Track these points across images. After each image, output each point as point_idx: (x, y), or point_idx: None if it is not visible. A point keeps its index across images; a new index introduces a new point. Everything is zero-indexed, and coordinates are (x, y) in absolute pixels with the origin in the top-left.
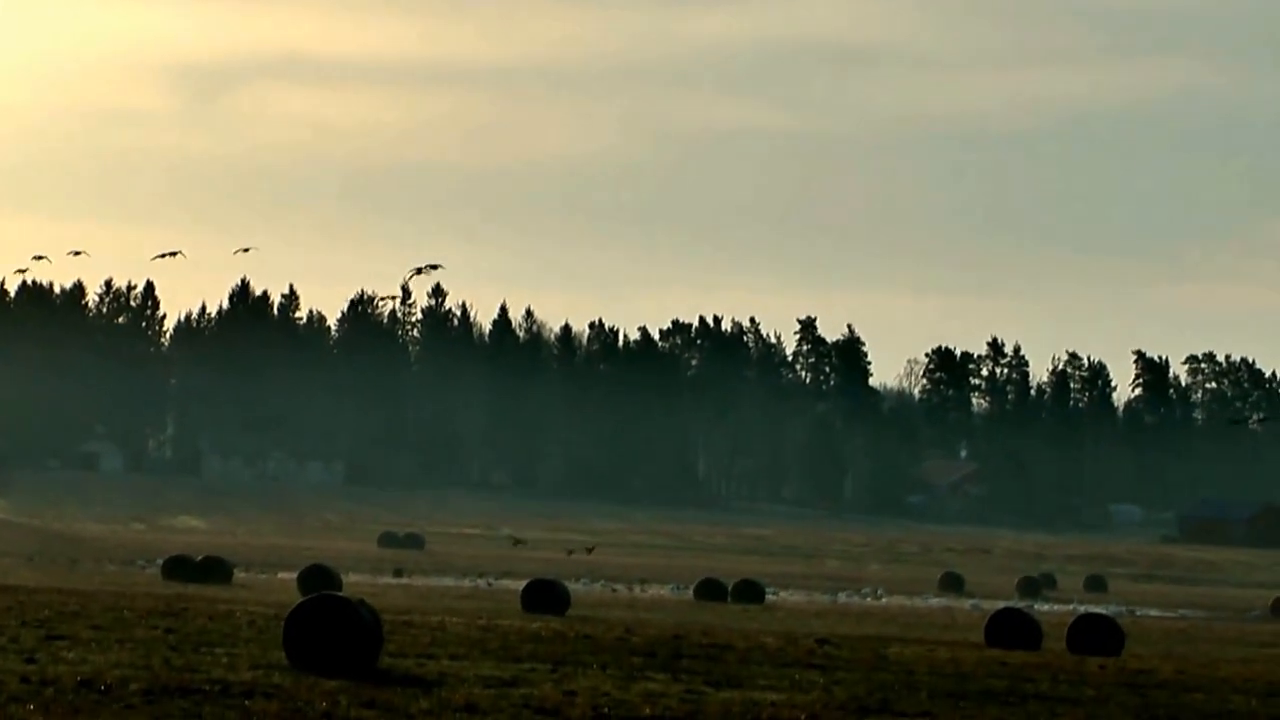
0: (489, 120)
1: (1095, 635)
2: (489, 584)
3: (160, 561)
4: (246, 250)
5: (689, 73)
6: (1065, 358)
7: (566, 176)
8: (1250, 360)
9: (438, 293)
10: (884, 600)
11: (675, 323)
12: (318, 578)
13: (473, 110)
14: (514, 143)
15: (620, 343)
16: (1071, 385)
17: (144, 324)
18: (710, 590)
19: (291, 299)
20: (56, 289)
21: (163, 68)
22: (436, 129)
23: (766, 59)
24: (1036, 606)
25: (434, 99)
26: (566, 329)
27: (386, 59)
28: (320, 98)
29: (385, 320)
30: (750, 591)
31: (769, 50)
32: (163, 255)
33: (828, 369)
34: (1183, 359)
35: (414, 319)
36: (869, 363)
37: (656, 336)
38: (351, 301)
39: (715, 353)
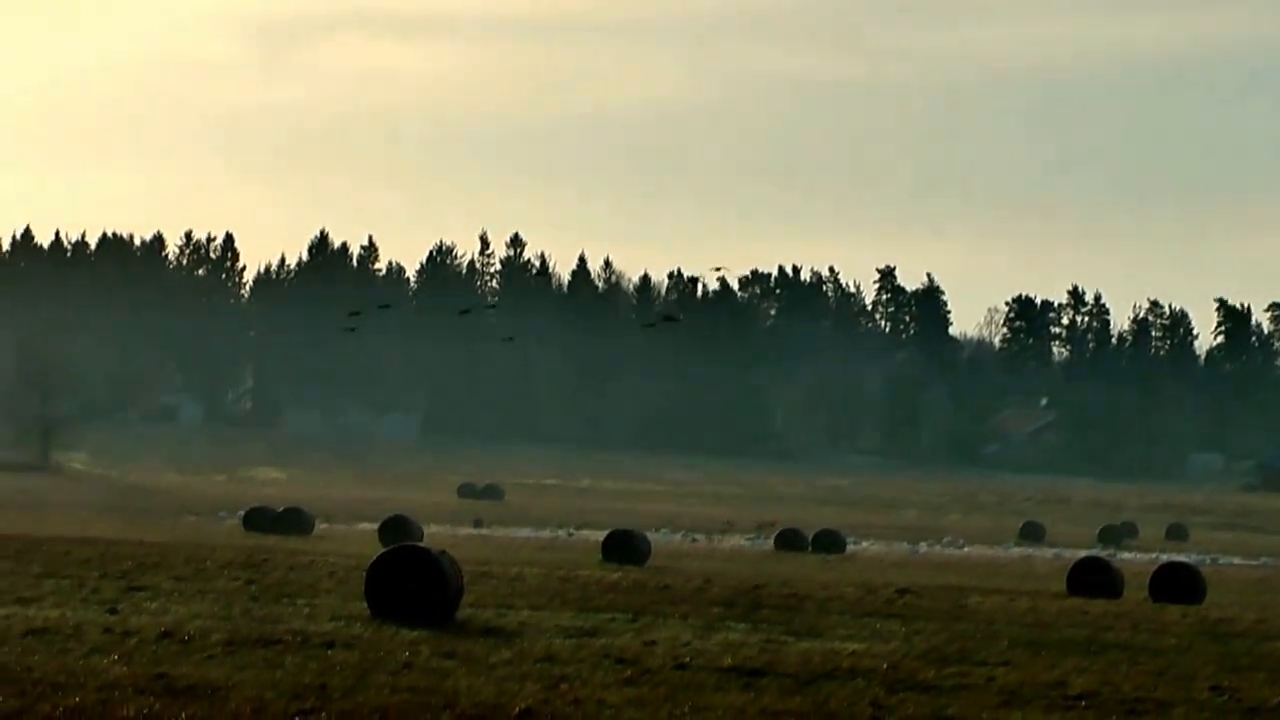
0: (566, 70)
1: (1176, 584)
2: (568, 534)
3: (240, 513)
4: None
5: (763, 21)
6: (1146, 306)
7: (645, 127)
8: None
9: (516, 243)
10: (963, 550)
11: (753, 272)
12: (398, 529)
13: (549, 61)
14: (592, 93)
15: (699, 293)
16: (1152, 333)
17: (223, 276)
18: (790, 540)
19: (370, 250)
20: (136, 240)
21: (240, 21)
22: (513, 80)
23: (842, 7)
24: (1117, 555)
25: (510, 50)
26: (645, 279)
27: (460, 11)
28: (396, 50)
29: (464, 271)
30: (830, 541)
31: None
32: None
33: (907, 318)
34: (1265, 306)
35: (493, 270)
36: (948, 312)
37: (735, 286)
38: (430, 253)
39: (793, 302)
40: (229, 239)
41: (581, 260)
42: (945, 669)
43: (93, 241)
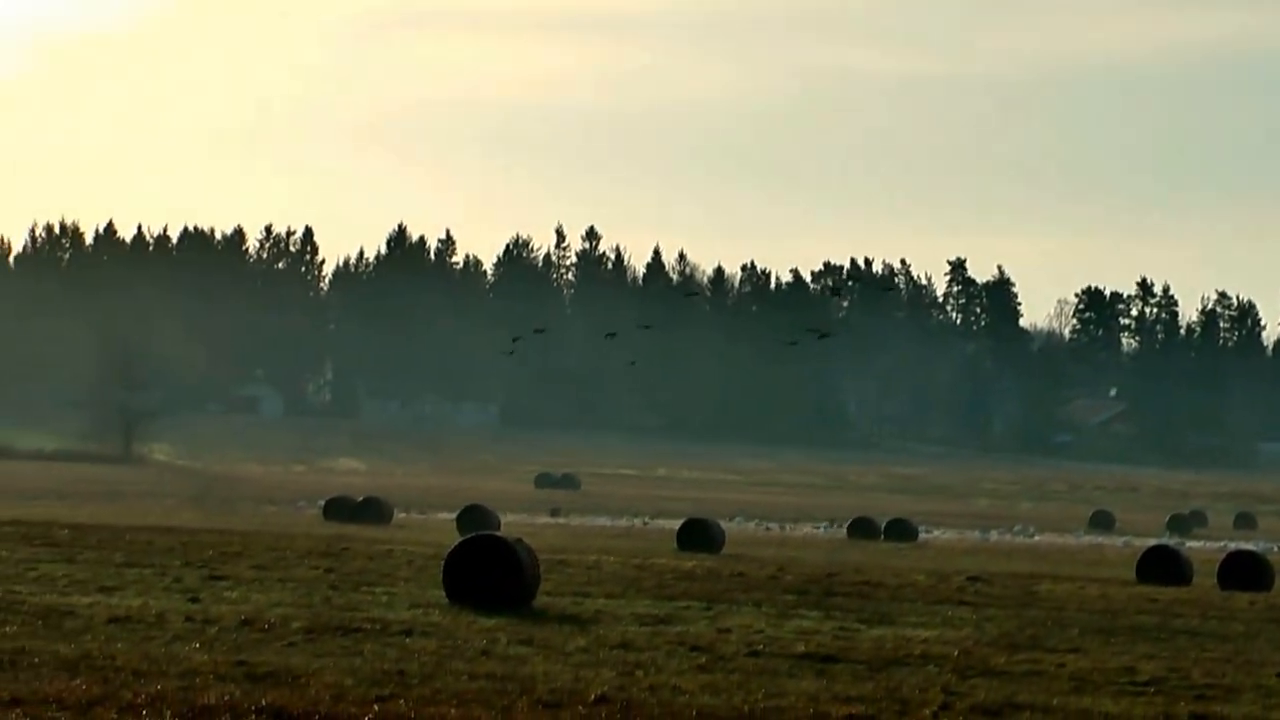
0: (639, 67)
1: (1245, 571)
2: (644, 523)
3: (320, 502)
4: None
5: (837, 18)
6: (1214, 297)
7: (719, 122)
8: None
9: (592, 236)
10: (1034, 538)
11: (826, 264)
12: (476, 517)
13: (623, 58)
14: (665, 89)
15: (772, 285)
16: (1220, 324)
17: (303, 269)
18: (862, 529)
19: (448, 244)
20: (217, 235)
21: (323, 20)
22: (589, 76)
23: (914, 4)
24: (1186, 543)
25: (585, 47)
26: (719, 271)
27: (536, 10)
28: (472, 47)
29: (540, 264)
30: (902, 530)
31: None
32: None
33: (977, 310)
34: None
35: (569, 262)
36: (1018, 303)
37: (808, 278)
38: (507, 246)
39: (866, 294)
40: (308, 233)
41: (656, 253)
42: (1016, 655)
43: (174, 235)
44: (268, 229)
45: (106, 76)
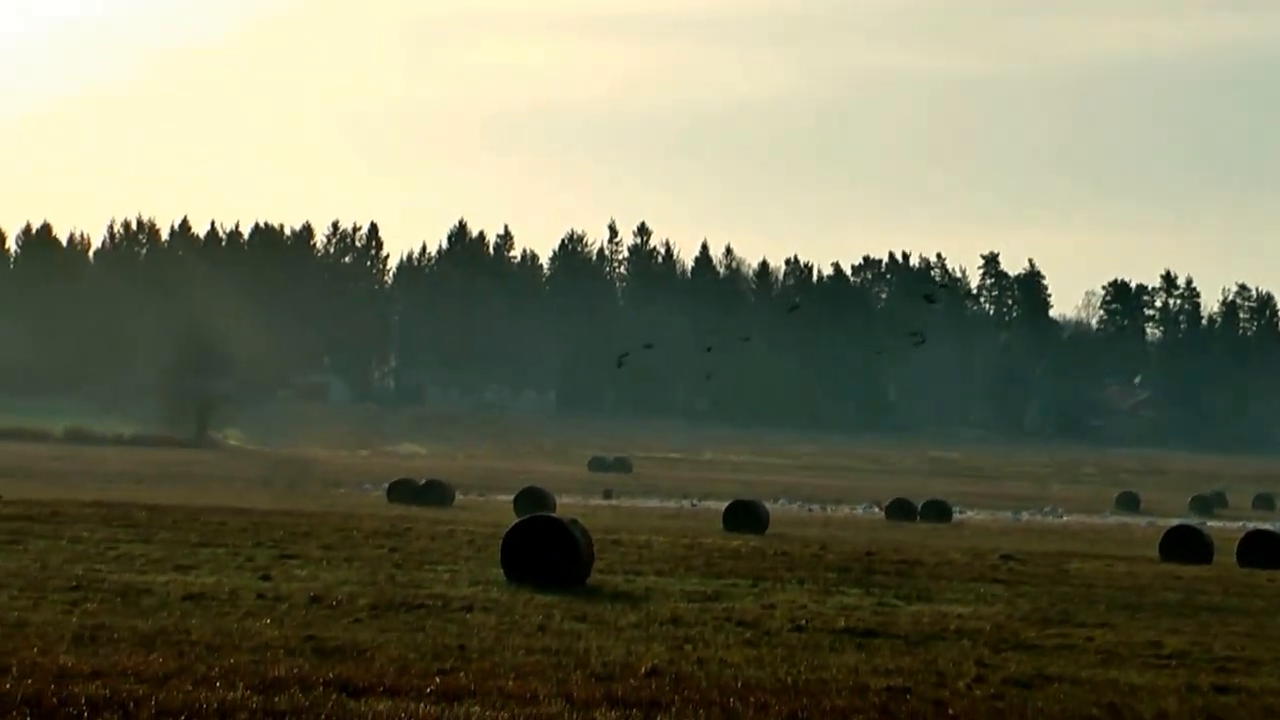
0: (686, 68)
1: (1264, 550)
2: (693, 505)
3: (385, 485)
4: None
5: (872, 18)
6: (1235, 289)
7: (763, 122)
8: None
9: (643, 232)
10: (1064, 518)
11: (866, 258)
12: (532, 499)
13: (670, 59)
14: (713, 90)
15: (814, 278)
16: (1240, 315)
17: (368, 263)
18: (900, 510)
19: (506, 239)
20: (286, 230)
21: (389, 22)
22: (639, 80)
23: (948, 5)
24: (1208, 523)
25: (636, 50)
26: (764, 265)
27: (590, 12)
28: (528, 50)
29: (594, 258)
30: (938, 511)
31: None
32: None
33: (1010, 301)
34: None
35: (620, 257)
36: (1049, 295)
37: (848, 271)
38: (562, 241)
39: (904, 285)
40: (373, 228)
41: (704, 248)
42: (1047, 630)
43: (245, 232)
44: (335, 225)
45: (188, 84)
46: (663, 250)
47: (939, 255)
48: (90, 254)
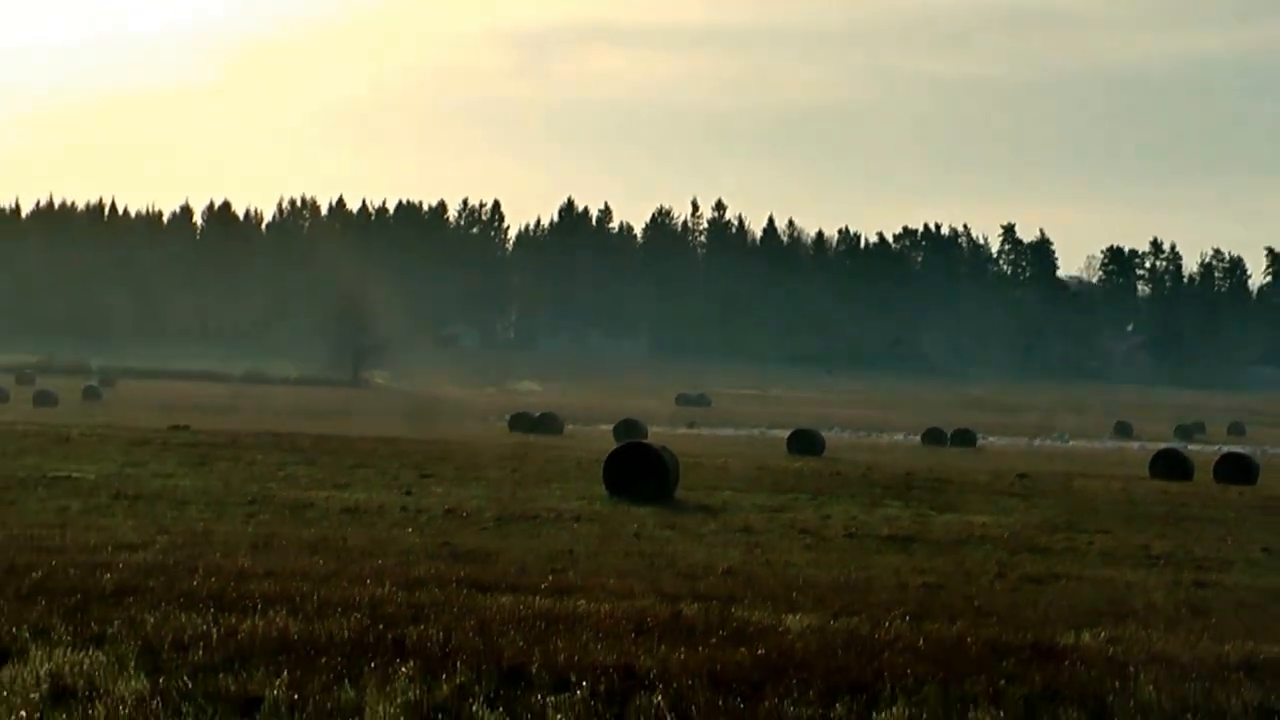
0: (750, 73)
1: (1236, 469)
2: (762, 433)
3: (506, 417)
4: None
5: (911, 31)
6: (1211, 253)
7: (822, 117)
8: None
9: (720, 207)
10: (1070, 443)
11: (904, 228)
12: (629, 428)
13: (743, 67)
14: (772, 91)
15: (862, 245)
16: (1215, 274)
17: (492, 234)
18: (934, 437)
19: (606, 213)
20: (424, 207)
21: (501, 34)
22: (716, 79)
23: (969, 18)
24: (1189, 447)
25: (714, 58)
26: (820, 234)
27: (674, 24)
28: (623, 57)
29: (679, 229)
30: (965, 438)
31: (975, 13)
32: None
33: (1024, 264)
34: None
35: (702, 228)
36: (1057, 259)
37: (890, 240)
38: (653, 215)
39: (936, 251)
40: (496, 205)
41: (771, 220)
42: (1055, 536)
43: (391, 208)
44: (464, 202)
45: (342, 86)
46: (736, 222)
47: (965, 226)
48: (263, 226)
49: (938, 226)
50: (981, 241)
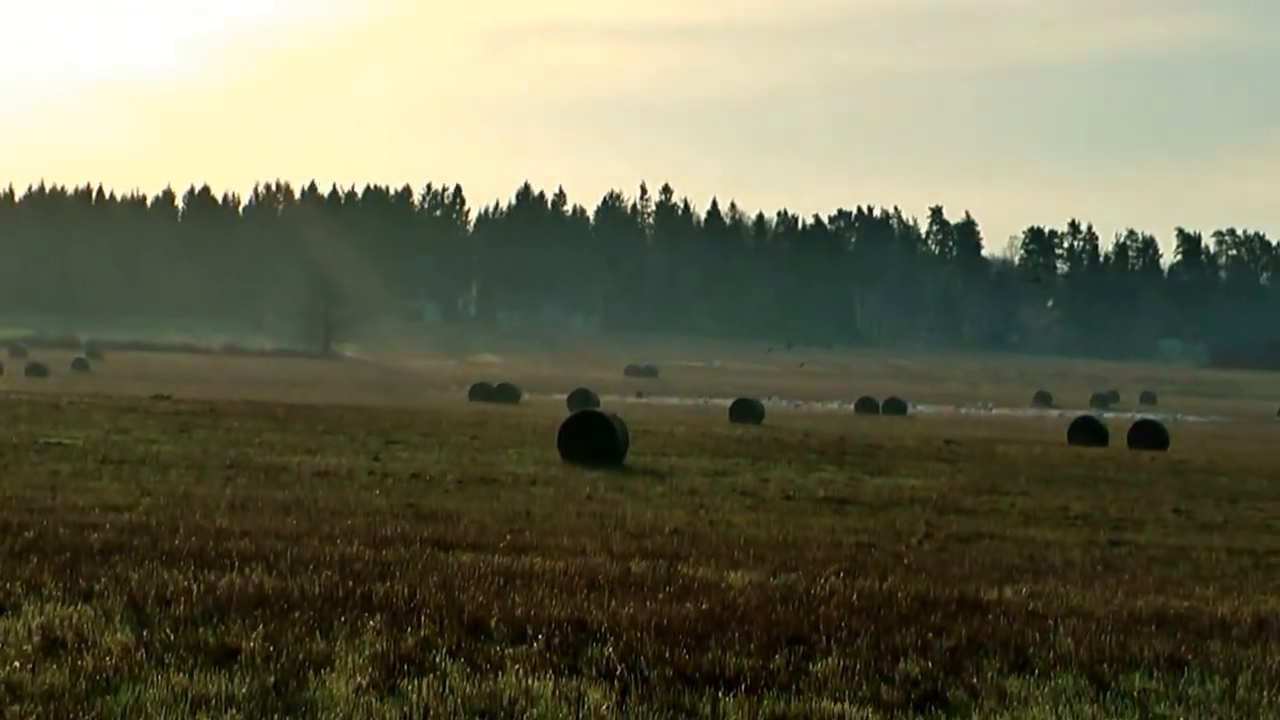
0: (701, 63)
1: (1148, 435)
2: (704, 402)
3: (467, 387)
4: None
5: (845, 27)
6: (1125, 233)
7: (759, 107)
8: (1261, 234)
9: (667, 191)
10: (993, 411)
11: (839, 211)
12: (582, 398)
13: (684, 61)
14: (722, 81)
15: (800, 226)
16: (1129, 254)
17: (454, 216)
18: (866, 405)
19: (561, 197)
20: (391, 191)
21: (466, 29)
22: (663, 71)
23: (905, 18)
24: (1104, 415)
25: (660, 52)
26: (760, 216)
27: (625, 21)
28: (578, 51)
29: (629, 211)
30: (896, 406)
31: (903, 9)
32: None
33: (951, 244)
34: (1211, 233)
35: (650, 210)
36: (981, 239)
37: (826, 221)
38: (604, 198)
39: (868, 232)
40: (458, 189)
41: (714, 203)
42: (980, 498)
43: (360, 192)
44: (428, 186)
45: (315, 77)
46: (682, 205)
47: (896, 208)
48: (240, 209)
49: (870, 209)
50: (911, 223)
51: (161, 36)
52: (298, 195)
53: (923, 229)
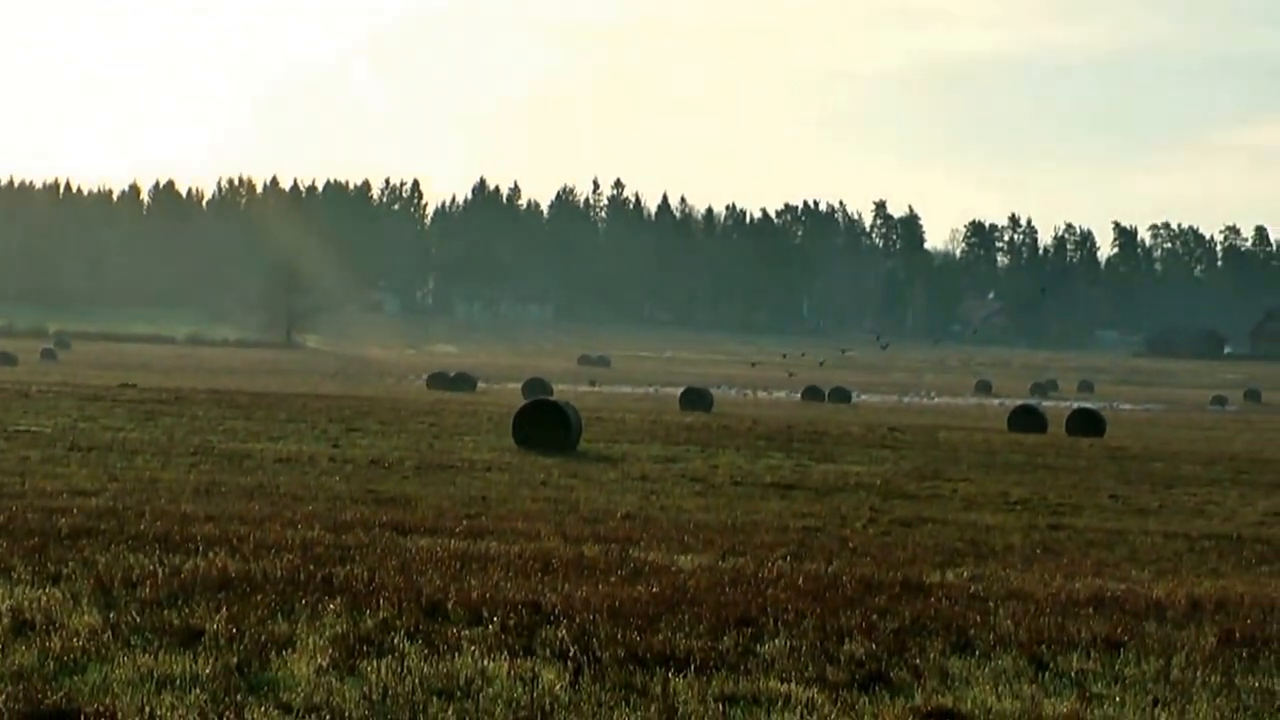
0: (652, 62)
1: (1086, 423)
2: (656, 390)
3: (425, 376)
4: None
5: (801, 26)
6: (1063, 227)
7: (707, 105)
8: (1195, 227)
9: (619, 185)
10: (935, 400)
11: (786, 205)
12: (536, 386)
13: (640, 55)
14: (673, 80)
15: (748, 220)
16: (1068, 247)
17: (412, 210)
18: (813, 394)
19: (516, 191)
20: (350, 185)
21: (420, 27)
22: (616, 69)
23: (845, 19)
24: (1044, 403)
25: (617, 47)
26: (710, 210)
27: (581, 21)
28: (531, 48)
29: (582, 205)
30: (841, 395)
31: (842, 10)
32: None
33: (894, 237)
34: (1147, 227)
35: (602, 204)
36: (924, 232)
37: (773, 214)
38: (558, 192)
39: (814, 225)
40: (415, 183)
41: (664, 197)
42: (923, 483)
43: (320, 186)
44: (387, 181)
45: (308, 76)
46: (633, 199)
47: (841, 202)
48: (204, 203)
49: (816, 203)
50: (856, 216)
51: (150, 33)
52: (260, 189)
53: (867, 223)
